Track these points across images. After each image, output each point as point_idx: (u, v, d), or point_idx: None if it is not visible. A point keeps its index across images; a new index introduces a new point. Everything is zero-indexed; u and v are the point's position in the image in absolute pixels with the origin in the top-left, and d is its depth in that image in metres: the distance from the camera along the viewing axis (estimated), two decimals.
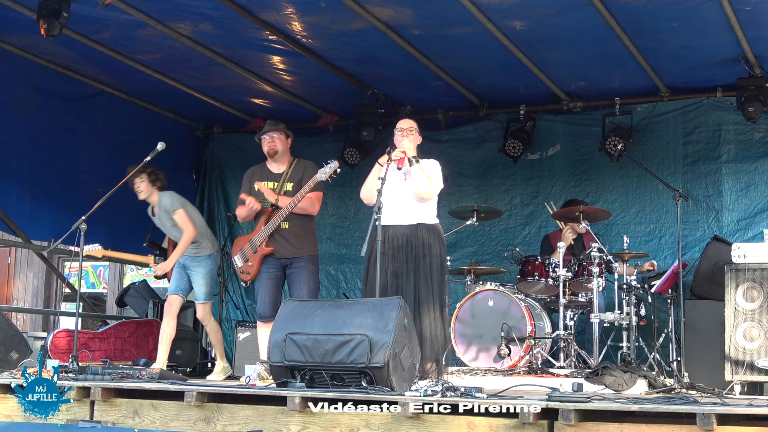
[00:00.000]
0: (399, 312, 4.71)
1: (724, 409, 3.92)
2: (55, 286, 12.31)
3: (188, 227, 6.84)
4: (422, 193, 5.66)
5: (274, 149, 6.52)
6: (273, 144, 6.53)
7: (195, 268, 6.94)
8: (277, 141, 6.53)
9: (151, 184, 6.91)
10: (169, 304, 6.91)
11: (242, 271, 6.45)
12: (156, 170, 6.94)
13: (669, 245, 7.82)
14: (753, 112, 7.27)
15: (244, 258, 6.42)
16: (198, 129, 9.53)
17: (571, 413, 3.97)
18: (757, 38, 6.70)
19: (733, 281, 6.00)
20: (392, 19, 6.60)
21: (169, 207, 6.89)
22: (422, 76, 7.69)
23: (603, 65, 7.44)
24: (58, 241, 6.84)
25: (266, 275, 6.39)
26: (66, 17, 5.89)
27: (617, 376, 5.78)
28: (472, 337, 6.96)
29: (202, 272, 6.94)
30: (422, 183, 5.66)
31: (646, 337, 6.93)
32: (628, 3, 6.12)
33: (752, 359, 5.89)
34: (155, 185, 6.93)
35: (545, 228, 8.14)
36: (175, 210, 6.87)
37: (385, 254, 5.49)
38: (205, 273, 6.96)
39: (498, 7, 6.31)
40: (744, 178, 7.70)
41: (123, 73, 7.82)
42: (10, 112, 7.60)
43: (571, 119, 8.33)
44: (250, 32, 6.81)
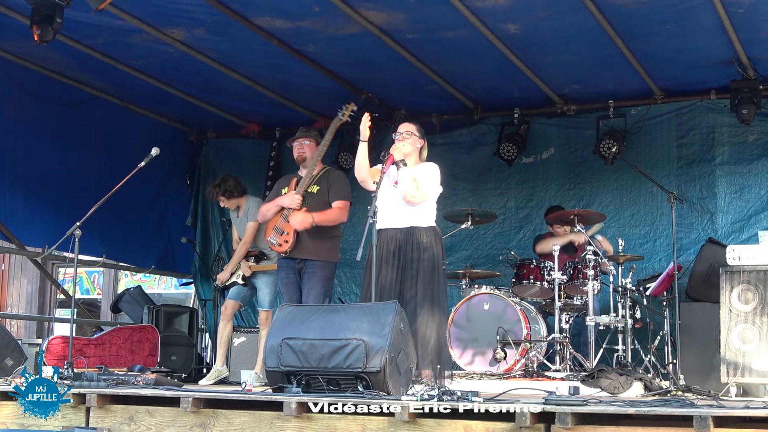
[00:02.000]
0: (395, 316, 4.70)
1: (720, 412, 3.91)
2: (50, 293, 12.35)
3: (247, 239, 7.24)
4: (409, 197, 5.63)
5: (302, 155, 6.59)
6: (302, 150, 6.60)
7: (260, 276, 7.21)
8: (306, 148, 6.60)
9: (235, 197, 7.40)
10: (225, 308, 7.31)
11: (279, 244, 6.37)
12: (223, 183, 7.38)
13: (664, 247, 7.85)
14: (746, 114, 7.31)
15: (279, 231, 6.37)
16: (192, 133, 9.56)
17: (568, 417, 3.96)
18: (751, 40, 6.74)
19: (728, 283, 6.02)
20: (386, 23, 6.63)
21: (250, 215, 7.25)
22: (416, 79, 7.72)
23: (597, 68, 7.48)
24: (53, 247, 6.85)
25: (285, 281, 6.41)
26: (59, 23, 5.88)
27: (613, 379, 5.80)
28: (467, 341, 6.98)
29: (266, 280, 7.20)
30: (408, 187, 5.62)
31: (641, 340, 6.95)
32: (621, 6, 6.16)
33: (748, 361, 5.90)
34: (234, 195, 7.39)
35: (540, 231, 8.14)
36: (253, 220, 7.21)
37: (381, 258, 5.49)
38: (269, 281, 7.19)
39: (492, 11, 6.34)
40: (738, 180, 7.74)
41: (117, 78, 7.84)
42: (3, 118, 7.61)
43: (565, 122, 8.37)
44: (244, 37, 6.83)
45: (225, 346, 7.31)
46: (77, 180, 8.20)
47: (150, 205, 9.18)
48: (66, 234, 6.12)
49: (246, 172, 9.06)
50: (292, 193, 6.38)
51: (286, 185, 6.59)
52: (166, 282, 12.65)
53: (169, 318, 8.19)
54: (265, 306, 7.20)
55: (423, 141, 5.88)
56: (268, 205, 6.53)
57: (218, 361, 7.31)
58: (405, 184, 5.62)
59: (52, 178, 8.10)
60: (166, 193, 9.34)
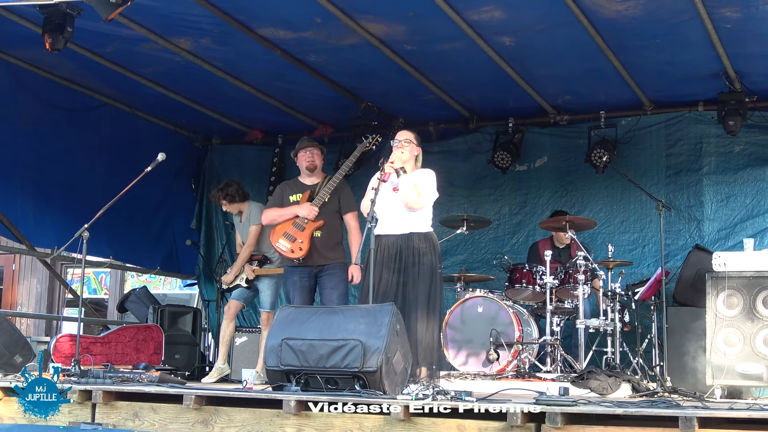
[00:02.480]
0: (392, 318, 4.77)
1: (705, 413, 3.96)
2: (58, 292, 12.31)
3: (250, 242, 7.34)
4: (410, 203, 5.68)
5: (313, 164, 6.73)
6: (312, 159, 6.74)
7: (262, 278, 7.35)
8: (315, 156, 6.76)
9: (236, 202, 7.51)
10: (228, 308, 7.43)
11: (291, 250, 6.47)
12: (226, 188, 7.51)
13: (652, 254, 7.90)
14: (733, 125, 7.37)
15: (291, 239, 6.47)
16: (197, 140, 9.61)
17: (558, 416, 4.02)
18: (738, 54, 6.80)
19: (714, 289, 5.99)
20: (385, 34, 6.69)
21: (252, 219, 7.35)
22: (414, 89, 7.77)
23: (589, 80, 7.53)
24: (62, 248, 6.95)
25: (299, 285, 6.52)
26: (70, 32, 5.98)
27: (602, 381, 5.85)
28: (461, 343, 7.03)
29: (268, 283, 7.33)
30: (409, 193, 5.68)
31: (629, 343, 6.99)
32: (613, 20, 6.22)
33: (732, 364, 5.88)
34: (235, 200, 7.50)
35: (533, 237, 8.22)
36: (255, 223, 7.31)
37: (379, 262, 5.56)
38: (271, 283, 7.32)
39: (488, 24, 6.40)
40: (724, 189, 7.80)
41: (125, 85, 7.89)
42: (15, 123, 7.67)
43: (558, 132, 8.42)
44: (248, 47, 6.88)
45: (227, 345, 7.43)
46: (86, 183, 8.24)
47: (156, 209, 9.22)
48: (74, 236, 6.18)
49: (249, 177, 9.14)
50: (308, 205, 6.51)
51: (293, 193, 6.67)
52: (170, 283, 12.61)
53: (173, 318, 8.23)
54: (267, 307, 7.32)
55: (419, 149, 5.94)
56: (280, 211, 6.61)
57: (220, 359, 7.41)
58: (406, 190, 5.68)
59: (61, 182, 8.15)
60: (172, 197, 9.38)
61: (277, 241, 6.54)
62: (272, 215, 6.66)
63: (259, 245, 7.42)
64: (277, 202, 6.74)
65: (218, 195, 7.62)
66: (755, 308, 5.87)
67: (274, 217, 6.63)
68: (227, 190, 7.56)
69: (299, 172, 6.83)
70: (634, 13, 6.08)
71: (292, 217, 6.53)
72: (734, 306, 5.96)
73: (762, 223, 7.67)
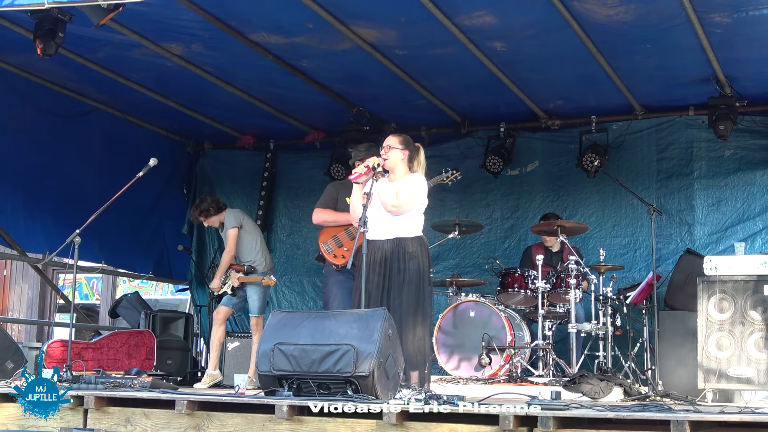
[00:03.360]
0: (384, 323, 4.77)
1: (697, 416, 3.97)
2: (50, 298, 12.30)
3: (230, 248, 7.37)
4: (387, 206, 5.59)
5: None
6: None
7: (249, 285, 7.37)
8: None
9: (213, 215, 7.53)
10: (217, 313, 7.51)
11: (334, 255, 6.42)
12: (200, 204, 7.57)
13: (643, 258, 7.93)
14: (723, 130, 7.40)
15: (338, 244, 6.43)
16: (189, 145, 9.61)
17: (550, 420, 4.04)
18: (728, 59, 6.83)
19: (705, 292, 6.01)
20: (377, 39, 6.70)
21: (226, 225, 7.40)
22: (406, 94, 7.79)
23: (580, 85, 7.57)
24: (53, 254, 6.93)
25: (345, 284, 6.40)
26: (61, 37, 5.96)
27: (594, 384, 5.85)
28: (454, 347, 7.08)
29: (255, 288, 7.36)
30: (386, 197, 5.61)
31: (621, 347, 7.03)
32: (604, 25, 6.24)
33: (723, 368, 5.89)
34: (211, 214, 7.53)
35: (525, 241, 8.26)
36: (229, 228, 7.37)
37: (369, 267, 5.50)
38: (258, 288, 7.36)
39: (479, 29, 6.42)
40: (715, 194, 7.84)
41: (117, 91, 7.90)
42: (6, 128, 7.66)
43: (549, 136, 8.45)
44: (240, 52, 6.89)
45: (217, 350, 7.46)
46: (77, 189, 8.22)
47: (148, 214, 9.21)
48: (66, 241, 6.16)
49: (241, 182, 9.20)
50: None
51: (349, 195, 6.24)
52: (162, 288, 12.64)
53: (165, 323, 8.23)
54: (256, 312, 7.36)
55: (407, 151, 5.77)
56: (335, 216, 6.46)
57: (210, 364, 7.42)
58: (383, 194, 5.60)
59: (53, 187, 8.13)
60: (164, 202, 9.37)
61: (325, 242, 6.49)
62: (325, 218, 6.54)
63: (243, 254, 7.44)
64: (330, 202, 6.59)
65: (194, 214, 7.69)
66: (746, 312, 5.89)
67: (327, 220, 6.53)
68: (201, 207, 7.62)
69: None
70: (625, 18, 6.11)
71: (346, 224, 6.42)
72: (725, 310, 5.99)
73: (753, 227, 7.71)
